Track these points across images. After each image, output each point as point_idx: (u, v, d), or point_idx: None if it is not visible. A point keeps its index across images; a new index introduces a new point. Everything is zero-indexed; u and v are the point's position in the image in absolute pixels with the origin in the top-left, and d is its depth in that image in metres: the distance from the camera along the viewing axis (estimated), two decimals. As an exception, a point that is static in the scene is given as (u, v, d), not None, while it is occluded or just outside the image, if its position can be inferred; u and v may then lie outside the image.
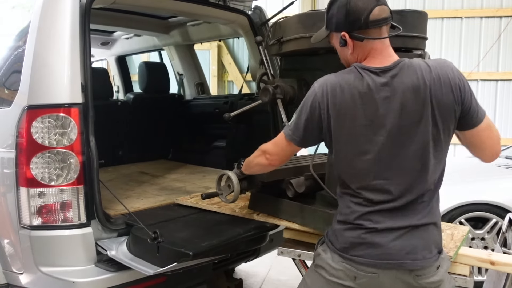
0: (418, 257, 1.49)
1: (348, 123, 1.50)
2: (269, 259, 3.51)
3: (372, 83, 1.48)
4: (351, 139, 1.51)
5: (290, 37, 2.03)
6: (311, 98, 1.57)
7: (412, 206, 1.51)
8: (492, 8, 6.97)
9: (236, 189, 2.10)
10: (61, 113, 2.09)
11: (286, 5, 3.15)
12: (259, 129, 3.40)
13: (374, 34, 1.52)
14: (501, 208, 3.58)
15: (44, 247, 2.12)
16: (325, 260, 1.59)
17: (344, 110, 1.50)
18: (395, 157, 1.49)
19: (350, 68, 1.55)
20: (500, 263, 1.92)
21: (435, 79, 1.47)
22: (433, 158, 1.50)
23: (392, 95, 1.47)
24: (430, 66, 1.50)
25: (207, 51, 8.06)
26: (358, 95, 1.48)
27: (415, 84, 1.46)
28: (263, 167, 1.85)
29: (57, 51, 2.14)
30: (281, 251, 2.09)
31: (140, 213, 2.40)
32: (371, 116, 1.48)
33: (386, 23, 1.52)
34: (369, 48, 1.54)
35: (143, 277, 2.13)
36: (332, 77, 1.55)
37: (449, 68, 1.51)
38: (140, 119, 4.10)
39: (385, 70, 1.49)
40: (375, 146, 1.49)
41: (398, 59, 1.52)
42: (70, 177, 2.10)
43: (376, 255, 1.49)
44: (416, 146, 1.48)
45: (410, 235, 1.50)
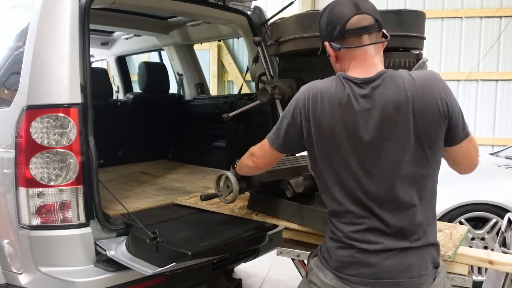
0: (414, 274, 1.46)
1: (329, 133, 1.47)
2: (269, 259, 3.51)
3: (352, 94, 1.45)
4: (333, 149, 1.48)
5: (288, 38, 2.03)
6: (293, 104, 1.56)
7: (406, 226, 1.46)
8: (492, 8, 6.96)
9: (235, 189, 2.10)
10: (60, 113, 2.09)
11: (286, 5, 3.16)
12: (258, 129, 3.40)
13: (353, 43, 1.49)
14: (501, 208, 3.58)
15: (44, 247, 2.12)
16: (318, 277, 1.57)
17: (324, 119, 1.47)
18: (378, 172, 1.45)
19: (334, 77, 1.53)
20: (499, 263, 1.91)
21: (418, 91, 1.41)
22: (417, 174, 1.45)
23: (372, 107, 1.43)
24: (414, 78, 1.44)
25: (207, 51, 8.06)
26: (338, 105, 1.46)
27: (396, 97, 1.42)
28: (250, 169, 1.86)
29: (57, 51, 2.14)
30: (280, 251, 2.09)
31: (139, 213, 2.41)
32: (351, 128, 1.44)
33: (367, 31, 1.48)
34: (349, 57, 1.51)
35: (142, 277, 2.13)
36: (316, 84, 1.54)
37: (435, 81, 1.45)
38: (140, 119, 4.10)
39: (367, 82, 1.45)
40: (357, 159, 1.45)
41: (382, 70, 1.48)
42: (69, 177, 2.11)
43: (370, 274, 1.46)
44: (397, 161, 1.43)
45: (404, 254, 1.46)
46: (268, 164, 1.79)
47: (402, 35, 1.83)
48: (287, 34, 2.03)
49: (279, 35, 2.08)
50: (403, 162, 1.43)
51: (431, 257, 1.51)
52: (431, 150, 1.45)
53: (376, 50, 1.52)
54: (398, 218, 1.46)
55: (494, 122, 7.01)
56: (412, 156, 1.43)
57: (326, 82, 1.53)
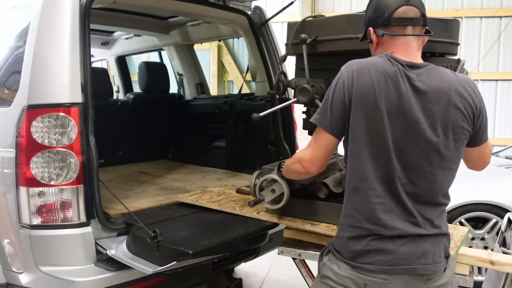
0: (429, 261, 1.48)
1: (371, 103, 1.46)
2: (269, 259, 3.51)
3: (399, 71, 1.47)
4: (371, 120, 1.47)
5: (335, 37, 1.99)
6: (337, 78, 1.54)
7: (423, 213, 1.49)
8: (492, 8, 6.97)
9: (287, 193, 2.02)
10: (61, 113, 2.09)
11: (286, 5, 3.16)
12: (258, 129, 3.40)
13: (397, 31, 1.53)
14: (501, 208, 3.58)
15: (44, 247, 2.12)
16: (331, 269, 1.56)
17: (367, 91, 1.46)
18: (406, 153, 1.47)
19: (380, 55, 1.54)
20: (500, 263, 1.92)
21: (459, 87, 1.49)
22: (444, 165, 1.49)
23: (416, 90, 1.46)
24: (457, 76, 1.52)
25: (207, 51, 8.07)
26: (383, 79, 1.46)
27: (440, 86, 1.47)
28: (299, 175, 1.73)
29: (57, 51, 2.15)
30: (282, 250, 2.09)
31: (139, 213, 2.40)
32: (392, 103, 1.45)
33: (412, 23, 1.52)
34: (392, 45, 1.54)
35: (143, 276, 2.13)
36: (360, 60, 1.54)
37: (473, 84, 1.54)
38: (140, 119, 4.10)
39: (413, 66, 1.49)
40: (390, 135, 1.46)
41: (425, 62, 1.53)
42: (70, 176, 2.11)
43: (386, 261, 1.47)
44: (426, 148, 1.47)
45: (420, 240, 1.49)
46: (320, 162, 1.60)
47: (448, 42, 1.94)
48: (333, 34, 2.00)
49: (314, 34, 2.04)
50: (436, 149, 1.47)
51: (444, 246, 1.55)
52: (459, 144, 1.51)
53: (419, 45, 1.56)
54: (419, 203, 1.49)
55: (494, 122, 7.02)
56: (445, 145, 1.48)
57: (372, 58, 1.54)
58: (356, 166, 1.51)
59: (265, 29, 3.27)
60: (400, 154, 1.47)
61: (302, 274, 2.15)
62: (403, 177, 1.47)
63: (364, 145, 1.48)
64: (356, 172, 1.52)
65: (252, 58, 3.45)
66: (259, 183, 2.12)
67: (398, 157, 1.47)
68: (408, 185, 1.48)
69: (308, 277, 2.13)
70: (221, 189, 2.88)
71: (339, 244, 1.57)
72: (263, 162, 3.35)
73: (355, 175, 1.52)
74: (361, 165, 1.50)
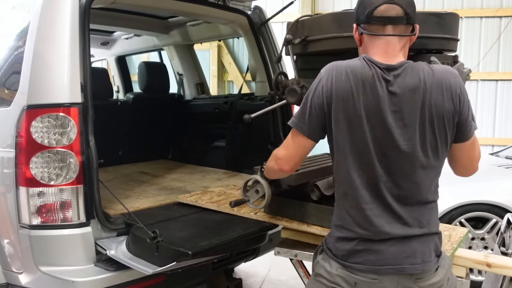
0: (418, 261, 1.49)
1: (351, 110, 1.47)
2: (268, 259, 3.51)
3: (377, 76, 1.46)
4: (353, 127, 1.48)
5: (322, 36, 1.95)
6: (316, 82, 1.54)
7: (411, 214, 1.49)
8: (492, 8, 6.97)
9: (268, 194, 2.02)
10: (61, 113, 2.09)
11: (286, 5, 3.16)
12: (258, 129, 3.40)
13: (376, 30, 1.50)
14: (501, 208, 3.58)
15: (44, 247, 2.12)
16: (323, 268, 1.58)
17: (346, 96, 1.46)
18: (388, 157, 1.47)
19: (358, 58, 1.53)
20: (496, 265, 1.92)
21: (436, 83, 1.46)
22: (428, 164, 1.48)
23: (393, 93, 1.45)
24: (433, 71, 1.49)
25: (207, 51, 8.06)
26: (361, 84, 1.46)
27: (416, 86, 1.45)
28: (276, 173, 1.73)
29: (57, 51, 2.14)
30: (278, 251, 2.09)
31: (139, 213, 2.41)
32: (370, 108, 1.46)
33: (392, 22, 1.48)
34: (371, 44, 1.53)
35: (143, 277, 2.13)
36: (339, 63, 1.53)
37: (453, 76, 1.50)
38: (140, 119, 4.10)
39: (390, 68, 1.48)
40: (370, 140, 1.46)
41: (403, 60, 1.51)
42: (69, 176, 2.11)
43: (375, 261, 1.48)
44: (406, 151, 1.46)
45: (408, 240, 1.49)
46: (293, 161, 1.63)
47: (443, 37, 1.84)
48: (320, 33, 1.96)
49: (305, 33, 2.01)
50: (416, 150, 1.46)
51: (434, 245, 1.54)
52: (442, 141, 1.49)
53: (401, 44, 1.52)
54: (406, 204, 1.49)
55: (494, 122, 7.02)
56: (425, 145, 1.47)
57: (351, 61, 1.52)
58: (343, 173, 1.53)
59: (265, 29, 3.27)
60: (382, 159, 1.47)
61: (299, 275, 2.16)
62: (388, 181, 1.48)
63: (347, 151, 1.49)
64: (343, 179, 1.53)
65: (252, 58, 3.45)
66: (243, 184, 2.12)
67: (380, 161, 1.47)
68: (393, 189, 1.48)
69: (305, 277, 2.13)
70: (222, 189, 2.88)
71: (331, 243, 1.59)
72: (263, 162, 3.37)
73: (343, 181, 1.54)
74: (347, 171, 1.51)
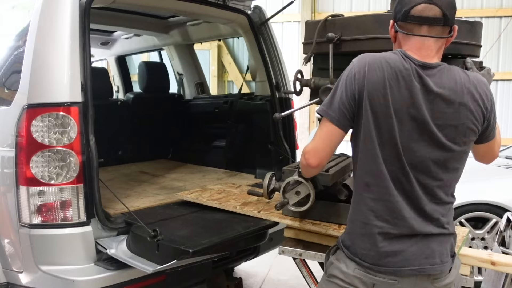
0: (437, 261, 1.49)
1: (379, 100, 1.44)
2: (269, 259, 3.52)
3: (412, 70, 1.45)
4: (381, 118, 1.45)
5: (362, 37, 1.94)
6: (347, 70, 1.51)
7: (433, 211, 1.49)
8: (492, 8, 6.98)
9: (313, 195, 1.97)
10: (61, 112, 2.09)
11: (286, 5, 3.17)
12: (258, 128, 3.41)
13: (411, 30, 1.48)
14: (501, 208, 3.58)
15: (44, 246, 2.12)
16: (339, 269, 1.55)
17: (378, 86, 1.44)
18: (413, 153, 1.46)
19: (394, 51, 1.51)
20: (501, 263, 1.92)
21: (471, 89, 1.47)
22: (451, 165, 1.49)
23: (428, 90, 1.44)
24: (469, 76, 1.49)
25: (207, 51, 8.07)
26: (395, 77, 1.43)
27: (452, 88, 1.45)
28: (305, 169, 1.66)
29: (57, 51, 2.15)
30: (282, 250, 2.08)
31: (139, 212, 2.41)
32: (402, 102, 1.43)
33: (428, 23, 1.46)
34: (405, 42, 1.51)
35: (143, 276, 2.13)
36: (373, 54, 1.51)
37: (484, 83, 1.52)
38: (140, 119, 4.10)
39: (426, 66, 1.46)
40: (397, 133, 1.44)
41: (438, 61, 1.49)
42: (69, 175, 2.11)
43: (395, 263, 1.47)
44: (432, 149, 1.46)
45: (428, 240, 1.49)
46: (321, 154, 1.55)
47: (474, 44, 1.90)
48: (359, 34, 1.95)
49: (338, 33, 1.98)
50: (443, 150, 1.46)
51: (450, 246, 1.55)
52: (466, 146, 1.50)
53: (438, 46, 1.50)
54: (427, 202, 1.49)
55: (494, 122, 7.02)
56: (453, 144, 1.47)
57: (386, 54, 1.50)
58: (368, 162, 1.49)
59: (265, 29, 3.27)
60: (407, 153, 1.46)
61: (302, 274, 2.15)
62: (412, 176, 1.47)
63: (374, 142, 1.46)
64: (368, 168, 1.50)
65: (252, 58, 3.45)
66: (282, 186, 2.04)
67: (406, 156, 1.46)
68: (417, 184, 1.47)
69: (308, 277, 2.13)
70: (221, 187, 2.89)
71: (350, 239, 1.56)
72: (263, 161, 3.38)
73: (367, 171, 1.50)
74: (374, 161, 1.48)
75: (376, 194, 1.49)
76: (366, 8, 7.53)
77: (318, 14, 7.64)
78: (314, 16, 7.64)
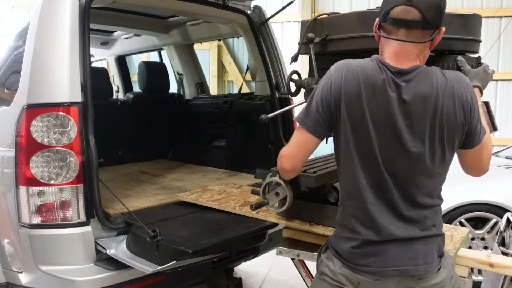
0: (420, 262, 1.48)
1: (358, 112, 1.44)
2: (269, 259, 3.51)
3: (387, 80, 1.43)
4: (359, 130, 1.45)
5: (345, 36, 1.91)
6: (324, 80, 1.51)
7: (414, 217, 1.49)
8: (492, 8, 6.97)
9: (290, 196, 1.96)
10: (61, 112, 2.09)
11: (286, 5, 3.16)
12: (258, 128, 3.40)
13: (389, 32, 1.46)
14: (501, 208, 3.58)
15: (44, 246, 2.12)
16: (327, 266, 1.58)
17: (353, 97, 1.44)
18: (393, 163, 1.46)
19: (370, 58, 1.49)
20: (499, 265, 1.92)
21: (449, 93, 1.44)
22: (434, 170, 1.48)
23: (403, 98, 1.43)
24: (446, 78, 1.45)
25: (207, 51, 8.06)
26: (371, 87, 1.43)
27: (428, 94, 1.42)
28: (281, 172, 1.70)
29: (57, 50, 2.15)
30: (280, 250, 2.09)
31: (139, 212, 2.40)
32: (378, 112, 1.43)
33: (405, 26, 1.42)
34: (385, 44, 1.49)
35: (143, 276, 2.13)
36: (351, 62, 1.49)
37: (465, 84, 1.47)
38: (140, 119, 4.10)
39: (401, 73, 1.44)
40: (376, 144, 1.45)
41: (415, 64, 1.46)
42: (69, 176, 2.11)
43: (378, 262, 1.48)
44: (412, 158, 1.45)
45: (411, 241, 1.49)
46: (294, 159, 1.59)
47: (467, 39, 1.82)
48: (343, 32, 1.91)
49: (325, 32, 1.96)
50: (423, 157, 1.45)
51: (437, 246, 1.54)
52: (449, 150, 1.48)
53: (418, 50, 1.46)
54: (410, 208, 1.48)
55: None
56: (433, 153, 1.46)
57: (362, 61, 1.49)
58: (348, 173, 1.52)
59: (264, 29, 3.27)
60: (387, 164, 1.46)
61: (301, 274, 2.15)
62: (393, 184, 1.47)
63: (352, 152, 1.48)
64: (348, 179, 1.53)
65: (251, 58, 3.45)
66: (262, 186, 2.03)
67: (385, 165, 1.46)
68: (398, 192, 1.47)
69: (307, 277, 2.13)
70: (222, 188, 2.89)
71: (335, 241, 1.59)
72: (263, 161, 3.38)
73: (346, 181, 1.54)
74: (352, 172, 1.50)
75: (357, 202, 1.51)
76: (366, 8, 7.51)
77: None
78: (314, 16, 7.64)
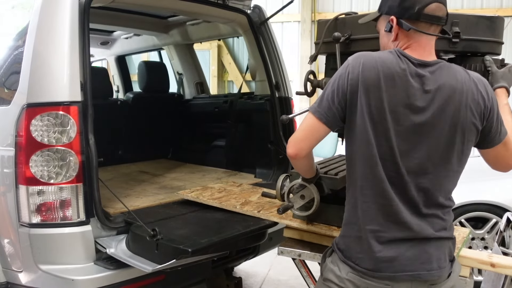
0: (434, 266, 1.45)
1: (374, 101, 1.41)
2: (269, 259, 3.51)
3: (409, 70, 1.42)
4: (376, 120, 1.42)
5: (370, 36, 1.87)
6: (341, 69, 1.48)
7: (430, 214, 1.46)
8: (492, 8, 6.98)
9: (317, 199, 1.92)
10: (60, 111, 2.09)
11: (286, 4, 3.17)
12: (258, 128, 3.41)
13: (424, 28, 1.47)
14: (501, 208, 3.57)
15: (44, 245, 2.12)
16: (333, 272, 1.54)
17: (373, 87, 1.41)
18: (410, 155, 1.43)
19: (390, 50, 1.48)
20: (501, 265, 1.91)
21: (472, 87, 1.45)
22: (451, 167, 1.46)
23: (427, 89, 1.41)
24: (469, 74, 1.47)
25: (207, 51, 8.07)
26: (391, 77, 1.41)
27: (453, 86, 1.42)
28: (292, 161, 1.63)
29: (56, 50, 2.15)
30: (281, 250, 2.08)
31: (139, 211, 2.41)
32: (398, 103, 1.41)
33: (438, 22, 1.47)
34: (412, 40, 1.48)
35: (142, 275, 2.13)
36: (369, 53, 1.48)
37: (486, 84, 1.50)
38: (140, 119, 4.10)
39: (424, 64, 1.44)
40: (393, 135, 1.41)
41: (437, 59, 1.48)
42: (69, 175, 2.11)
43: (390, 268, 1.44)
44: (431, 151, 1.43)
45: (424, 244, 1.45)
46: (300, 144, 1.52)
47: (493, 41, 1.84)
48: (369, 32, 1.87)
49: (347, 32, 1.95)
50: (441, 152, 1.44)
51: (448, 250, 1.52)
52: (467, 147, 1.47)
53: (433, 43, 1.51)
54: (425, 205, 1.46)
55: (494, 122, 7.01)
56: (451, 147, 1.44)
57: (381, 53, 1.48)
58: (364, 165, 1.46)
59: (264, 28, 3.27)
60: (404, 156, 1.43)
61: (302, 275, 2.14)
62: (409, 178, 1.44)
63: (370, 144, 1.43)
64: (363, 171, 1.47)
65: (251, 57, 3.45)
66: (287, 189, 1.99)
67: (402, 158, 1.42)
68: (414, 187, 1.44)
69: (308, 277, 2.12)
70: (222, 186, 2.89)
71: (345, 243, 1.54)
72: (262, 161, 3.38)
73: (362, 174, 1.47)
74: (369, 164, 1.45)
75: (371, 197, 1.46)
76: (366, 8, 7.52)
77: (318, 14, 7.63)
78: (314, 16, 7.64)
